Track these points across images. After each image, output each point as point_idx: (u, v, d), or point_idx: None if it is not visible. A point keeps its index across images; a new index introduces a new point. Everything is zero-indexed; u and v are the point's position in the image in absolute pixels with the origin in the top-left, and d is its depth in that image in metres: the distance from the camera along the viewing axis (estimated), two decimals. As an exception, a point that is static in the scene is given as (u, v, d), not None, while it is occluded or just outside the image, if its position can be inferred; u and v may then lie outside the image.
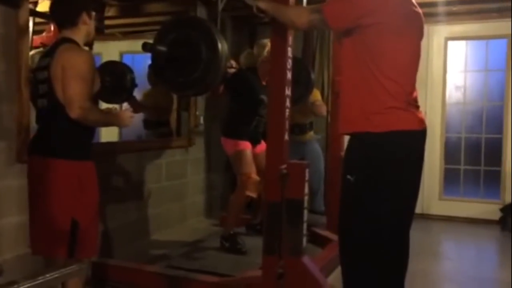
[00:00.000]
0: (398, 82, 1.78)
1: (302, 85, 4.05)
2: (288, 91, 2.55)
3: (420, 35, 1.89)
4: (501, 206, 4.63)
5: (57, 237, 2.10)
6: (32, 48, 3.39)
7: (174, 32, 2.75)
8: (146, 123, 4.58)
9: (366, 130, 1.78)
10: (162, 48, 2.64)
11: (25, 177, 2.24)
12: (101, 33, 4.41)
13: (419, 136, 1.85)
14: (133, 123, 2.32)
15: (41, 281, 1.12)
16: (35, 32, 3.73)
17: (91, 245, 2.20)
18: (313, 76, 4.40)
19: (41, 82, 2.17)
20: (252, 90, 3.52)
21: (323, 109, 4.33)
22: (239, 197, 3.53)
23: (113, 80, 3.88)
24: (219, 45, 2.66)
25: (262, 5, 2.26)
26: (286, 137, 2.56)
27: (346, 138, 4.48)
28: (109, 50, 5.33)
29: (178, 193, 4.35)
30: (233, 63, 3.53)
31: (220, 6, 2.77)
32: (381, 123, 1.76)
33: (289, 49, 2.53)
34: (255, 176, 3.49)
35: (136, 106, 4.17)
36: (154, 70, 2.98)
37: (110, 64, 4.19)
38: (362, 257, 1.80)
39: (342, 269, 1.87)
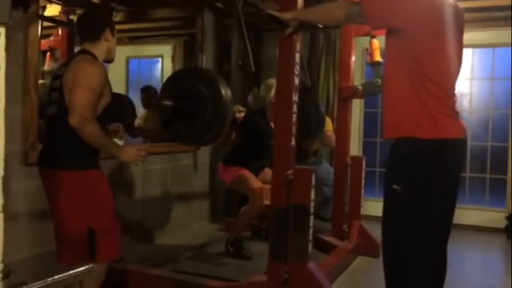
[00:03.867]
0: (442, 87, 1.73)
1: (313, 122, 4.04)
2: (295, 97, 2.55)
3: (461, 34, 1.82)
4: (506, 214, 4.60)
5: (77, 245, 2.13)
6: (40, 52, 3.42)
7: (175, 86, 2.73)
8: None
9: (415, 136, 1.72)
10: (167, 103, 2.64)
11: (33, 180, 2.26)
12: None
13: (463, 145, 1.81)
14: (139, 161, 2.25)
15: (49, 282, 1.12)
16: (43, 36, 3.76)
17: (111, 247, 2.21)
18: (323, 114, 4.27)
19: (54, 90, 2.21)
20: (261, 136, 3.53)
21: (332, 140, 4.28)
22: (253, 210, 3.44)
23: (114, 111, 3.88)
24: (219, 85, 2.63)
25: (288, 16, 2.25)
26: (293, 142, 2.56)
27: (352, 145, 4.46)
28: (115, 55, 5.36)
29: (183, 197, 4.35)
30: (240, 107, 3.60)
31: (239, 5, 2.75)
32: (431, 130, 1.70)
33: (297, 55, 2.54)
34: (266, 186, 3.48)
35: (137, 133, 4.17)
36: (167, 129, 2.87)
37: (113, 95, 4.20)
38: (409, 268, 1.75)
39: (387, 284, 1.82)
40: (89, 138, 2.07)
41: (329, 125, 4.56)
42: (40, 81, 3.10)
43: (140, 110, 4.71)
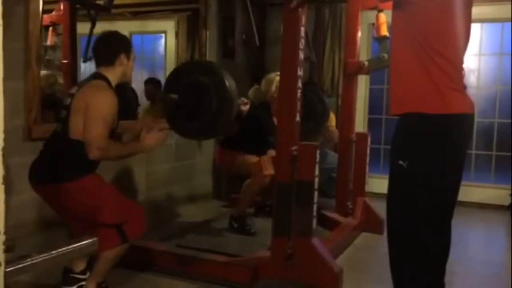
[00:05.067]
0: (450, 60, 1.68)
1: (318, 117, 4.08)
2: (300, 72, 2.52)
3: (467, 7, 1.77)
4: (511, 192, 4.59)
5: (106, 234, 2.17)
6: (42, 27, 3.38)
7: (177, 82, 2.71)
8: None
9: (422, 112, 1.68)
10: (173, 96, 2.63)
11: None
12: (109, 12, 4.38)
13: (471, 120, 1.78)
14: (164, 142, 2.32)
15: (54, 255, 1.12)
16: (44, 11, 3.71)
17: (138, 225, 2.28)
18: (328, 106, 4.32)
19: (64, 108, 2.24)
20: (262, 131, 3.56)
21: (335, 135, 4.27)
22: (255, 183, 3.49)
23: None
24: (220, 73, 2.61)
25: None
26: (298, 118, 2.54)
27: (358, 121, 4.45)
28: (118, 30, 5.30)
29: (187, 173, 4.36)
30: (245, 100, 3.56)
31: None
32: (438, 105, 1.66)
33: (302, 29, 2.50)
34: (264, 157, 3.48)
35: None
36: (177, 127, 2.85)
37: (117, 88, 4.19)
38: (414, 244, 1.74)
39: (391, 260, 1.81)
40: (115, 159, 2.24)
41: (332, 120, 4.52)
42: (43, 72, 3.07)
43: (144, 102, 4.71)
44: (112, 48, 2.30)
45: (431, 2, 1.67)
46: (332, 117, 4.55)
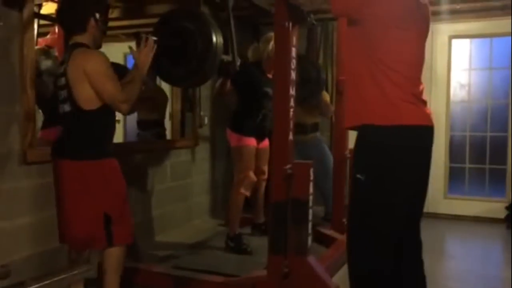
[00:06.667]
0: (403, 74, 1.72)
1: (313, 84, 4.10)
2: (292, 91, 2.55)
3: (424, 26, 1.82)
4: (506, 204, 4.61)
5: (95, 232, 2.22)
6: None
7: (169, 24, 2.76)
8: (141, 124, 4.50)
9: (375, 123, 1.71)
10: (152, 38, 2.66)
11: (32, 178, 2.28)
12: (104, 34, 4.41)
13: (428, 132, 1.80)
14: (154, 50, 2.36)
15: (48, 282, 1.13)
16: (39, 35, 3.74)
17: (126, 232, 2.32)
18: (323, 75, 4.41)
19: (60, 88, 2.27)
20: (255, 83, 3.54)
21: (330, 109, 4.33)
22: (236, 196, 3.54)
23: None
24: (203, 18, 2.67)
25: None
26: (291, 137, 2.56)
27: (351, 137, 4.49)
28: (112, 52, 5.32)
29: (183, 193, 4.35)
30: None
31: (230, 3, 2.80)
32: (391, 116, 1.69)
33: (293, 49, 2.54)
34: (252, 176, 3.50)
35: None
36: (165, 77, 2.96)
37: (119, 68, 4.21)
38: (370, 259, 1.76)
39: (349, 269, 1.83)
40: (137, 97, 2.27)
41: (326, 96, 4.56)
42: (37, 47, 3.11)
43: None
44: (80, 14, 2.29)
45: (383, 19, 1.71)
46: (325, 94, 4.59)
